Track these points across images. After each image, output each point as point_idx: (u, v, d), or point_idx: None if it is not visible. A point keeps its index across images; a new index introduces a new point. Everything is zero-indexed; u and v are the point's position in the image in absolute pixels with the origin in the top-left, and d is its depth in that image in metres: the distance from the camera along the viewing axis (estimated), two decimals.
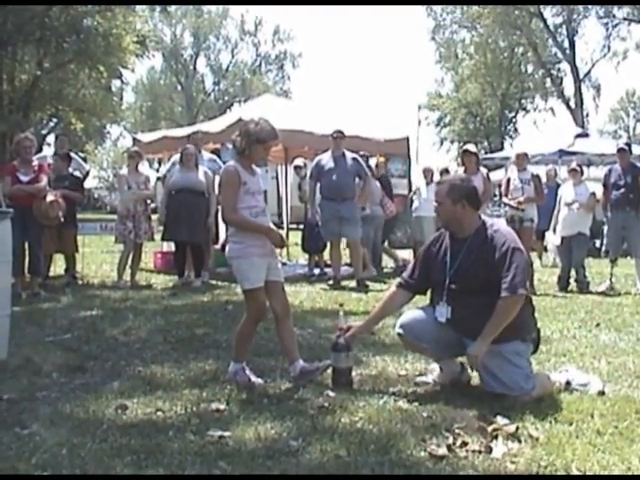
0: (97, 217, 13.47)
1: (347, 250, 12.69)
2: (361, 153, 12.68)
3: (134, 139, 16.73)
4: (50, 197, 10.41)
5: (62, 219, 10.71)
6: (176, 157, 12.46)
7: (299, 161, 13.75)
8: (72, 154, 13.75)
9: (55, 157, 12.26)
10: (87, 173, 13.20)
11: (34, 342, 6.97)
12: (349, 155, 11.86)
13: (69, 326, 7.84)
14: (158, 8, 40.01)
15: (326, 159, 11.83)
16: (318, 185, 11.80)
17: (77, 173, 12.65)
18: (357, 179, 11.89)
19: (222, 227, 12.94)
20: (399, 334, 5.43)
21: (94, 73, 36.54)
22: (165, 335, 7.31)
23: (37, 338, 7.18)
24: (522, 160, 11.81)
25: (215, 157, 12.76)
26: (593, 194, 12.22)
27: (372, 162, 13.89)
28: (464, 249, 5.19)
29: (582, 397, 5.08)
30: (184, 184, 11.44)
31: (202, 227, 11.52)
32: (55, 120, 44.25)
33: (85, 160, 33.49)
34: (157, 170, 21.64)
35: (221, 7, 70.57)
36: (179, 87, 71.80)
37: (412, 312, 5.54)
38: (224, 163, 13.36)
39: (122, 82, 47.14)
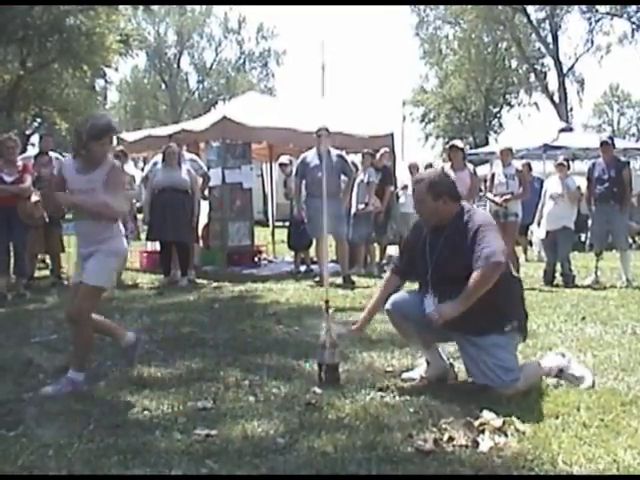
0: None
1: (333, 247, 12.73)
2: (366, 150, 12.81)
3: (118, 138, 16.66)
4: (34, 197, 10.38)
5: (47, 219, 10.69)
6: (158, 157, 12.45)
7: (284, 158, 13.75)
8: (58, 155, 13.72)
9: (38, 157, 12.22)
10: None
11: (20, 343, 6.96)
12: (334, 152, 11.86)
13: (55, 327, 7.80)
14: (141, 7, 39.77)
15: (311, 156, 11.84)
16: (304, 182, 11.79)
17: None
18: (342, 176, 11.93)
19: (202, 225, 12.98)
20: (387, 310, 5.39)
21: (78, 72, 36.42)
22: (151, 334, 7.29)
23: (23, 339, 7.16)
24: (506, 155, 11.85)
25: (195, 157, 12.75)
26: (578, 188, 12.26)
27: (356, 159, 13.89)
28: (442, 239, 5.16)
29: (568, 390, 5.10)
30: (168, 183, 11.43)
31: (187, 226, 11.52)
32: (39, 120, 44.08)
33: None
34: (142, 169, 21.58)
35: (204, 5, 70.45)
36: (163, 86, 71.54)
37: (402, 292, 5.51)
38: (209, 161, 13.50)
39: (106, 81, 47.12)
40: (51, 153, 12.41)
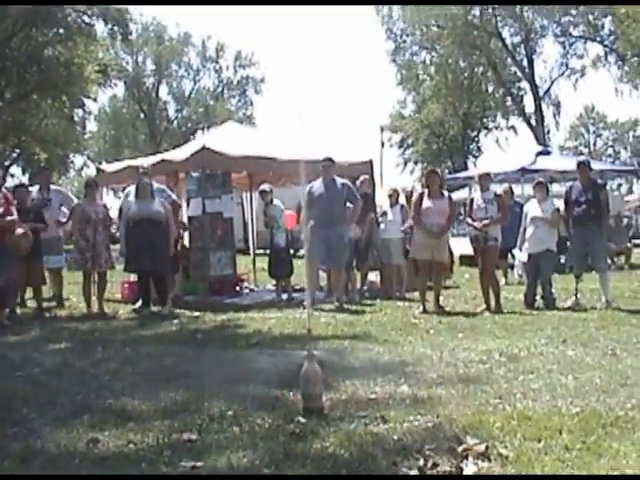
0: (65, 248, 13.39)
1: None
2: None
3: (98, 169, 16.69)
4: (20, 230, 10.40)
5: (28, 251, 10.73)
6: (129, 189, 12.56)
7: (265, 186, 13.78)
8: (60, 188, 13.88)
9: (38, 191, 12.51)
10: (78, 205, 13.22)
11: (3, 377, 6.94)
12: (339, 181, 12.33)
13: (38, 360, 7.79)
14: (119, 37, 39.79)
15: (317, 186, 12.23)
16: (308, 210, 12.05)
17: (64, 207, 12.84)
18: (348, 204, 12.35)
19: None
20: None
21: (56, 103, 36.47)
22: (134, 366, 7.29)
23: (6, 373, 7.14)
24: (485, 180, 11.93)
25: (164, 187, 12.76)
26: (557, 210, 12.34)
27: None
28: None
29: (550, 413, 5.14)
30: (143, 215, 11.51)
31: (163, 256, 11.56)
32: (18, 151, 43.99)
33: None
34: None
35: (182, 34, 70.62)
36: (142, 115, 71.46)
37: None
38: (189, 191, 13.55)
39: (84, 111, 47.01)
40: (52, 187, 12.52)
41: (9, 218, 10.34)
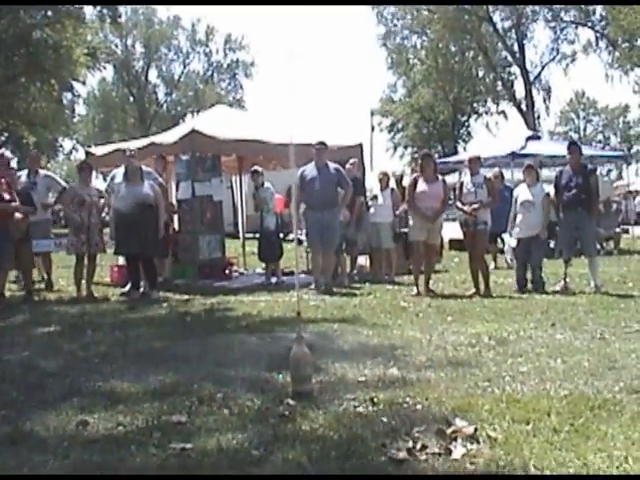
0: (54, 232, 13.41)
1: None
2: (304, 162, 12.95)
3: (87, 152, 16.62)
4: (18, 214, 10.58)
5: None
6: (115, 172, 12.56)
7: (257, 167, 13.73)
8: (48, 172, 13.86)
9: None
10: (64, 189, 13.19)
11: None
12: (332, 165, 12.44)
13: (27, 343, 7.79)
14: (108, 20, 39.58)
15: (309, 169, 12.33)
16: (300, 193, 12.19)
17: (51, 192, 12.88)
18: (339, 188, 12.40)
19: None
20: None
21: (45, 86, 36.27)
22: (124, 349, 7.29)
23: None
24: (475, 164, 11.93)
25: (151, 170, 12.72)
26: (548, 194, 12.35)
27: None
28: None
29: (539, 396, 5.16)
30: (131, 199, 11.48)
31: (153, 239, 11.54)
32: (6, 134, 43.79)
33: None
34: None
35: (172, 17, 70.42)
36: (131, 99, 71.29)
37: None
38: (178, 174, 13.53)
39: (74, 95, 46.80)
40: (41, 171, 12.50)
41: (14, 204, 10.51)
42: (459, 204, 11.83)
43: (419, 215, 11.56)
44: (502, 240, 15.64)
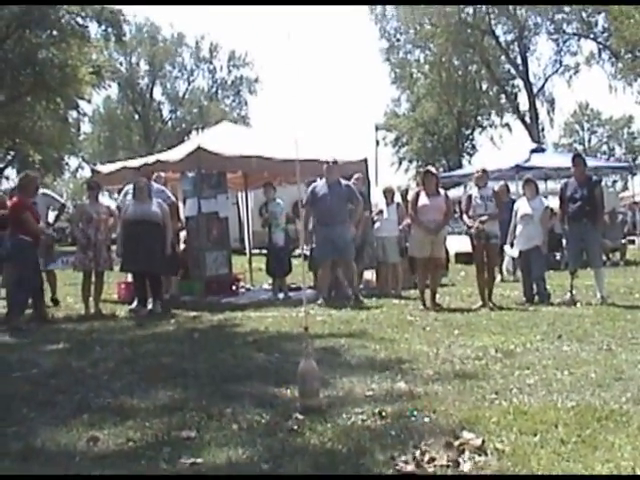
0: (61, 250, 13.48)
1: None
2: (307, 180, 13.05)
3: (93, 170, 16.71)
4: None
5: None
6: (128, 188, 12.65)
7: (270, 181, 13.79)
8: (46, 190, 13.96)
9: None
10: (63, 206, 13.28)
11: (2, 378, 6.96)
12: (343, 182, 12.62)
13: (36, 361, 7.82)
14: (113, 38, 39.77)
15: (320, 186, 12.50)
16: (310, 209, 12.44)
17: (51, 210, 13.00)
18: (350, 204, 12.59)
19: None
20: None
21: (51, 105, 36.42)
22: (133, 365, 7.32)
23: (4, 374, 7.16)
24: (482, 177, 11.95)
25: (163, 188, 12.82)
26: (547, 207, 12.40)
27: None
28: None
29: (546, 407, 5.19)
30: (139, 216, 11.59)
31: (160, 257, 11.63)
32: (12, 153, 43.94)
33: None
34: (116, 200, 21.59)
35: (176, 34, 70.68)
36: (136, 116, 71.48)
37: None
38: (184, 191, 13.58)
39: (79, 113, 46.88)
40: (39, 190, 12.62)
41: (41, 224, 11.24)
42: (466, 218, 11.85)
43: (422, 228, 11.59)
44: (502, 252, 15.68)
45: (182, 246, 13.85)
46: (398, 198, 14.48)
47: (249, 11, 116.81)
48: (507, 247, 12.63)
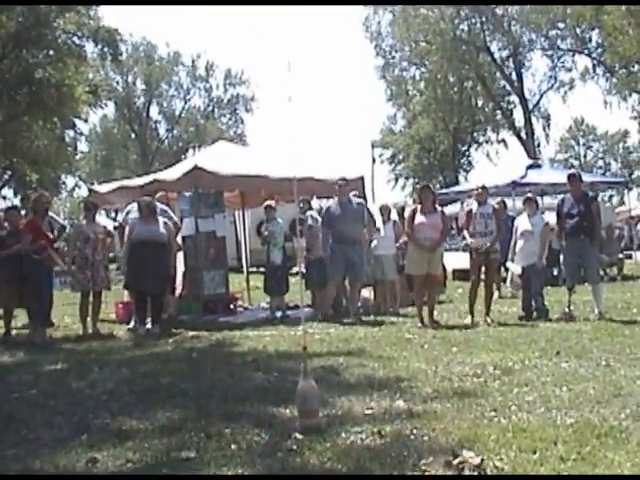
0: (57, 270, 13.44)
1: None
2: (302, 197, 13.11)
3: (90, 190, 16.74)
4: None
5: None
6: (132, 206, 12.66)
7: (270, 202, 13.78)
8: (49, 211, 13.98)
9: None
10: (63, 228, 13.33)
11: (0, 399, 6.95)
12: (355, 200, 12.88)
13: (34, 381, 7.81)
14: (109, 57, 39.90)
15: (334, 206, 12.72)
16: (326, 229, 12.68)
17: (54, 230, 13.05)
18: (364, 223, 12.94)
19: (179, 276, 13.08)
20: None
21: (47, 124, 36.50)
22: (131, 386, 7.32)
23: (3, 395, 7.16)
24: (483, 194, 11.96)
25: (166, 207, 12.84)
26: (547, 224, 12.44)
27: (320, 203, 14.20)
28: None
29: (544, 424, 5.19)
30: (147, 236, 11.58)
31: (165, 278, 11.67)
32: (9, 172, 43.95)
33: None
34: (114, 219, 21.64)
35: (172, 53, 70.85)
36: (133, 135, 71.56)
37: None
38: (182, 210, 13.59)
39: (75, 132, 46.96)
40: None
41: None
42: (466, 233, 11.87)
43: (418, 246, 11.60)
44: (506, 269, 15.68)
45: (181, 266, 13.83)
46: (395, 216, 14.50)
47: (245, 29, 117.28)
48: (510, 264, 12.65)
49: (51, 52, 35.55)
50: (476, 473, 4.24)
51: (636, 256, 24.53)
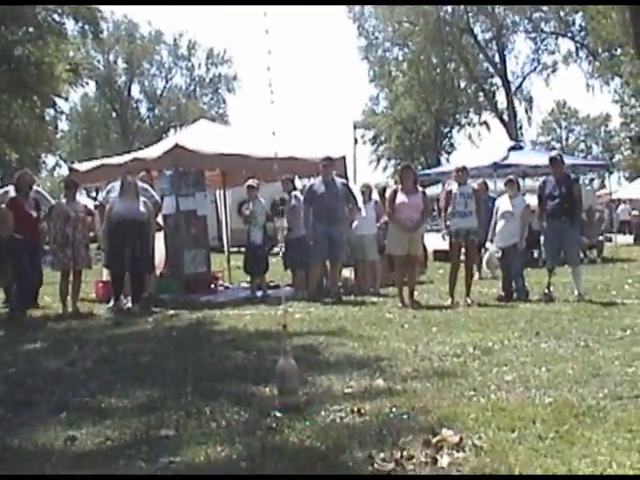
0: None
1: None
2: (286, 176, 13.08)
3: (71, 169, 16.63)
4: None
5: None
6: (113, 184, 12.58)
7: (252, 182, 13.70)
8: (38, 188, 13.85)
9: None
10: (53, 207, 13.22)
11: None
12: (338, 180, 12.85)
13: (13, 360, 7.78)
14: (90, 35, 39.57)
15: (317, 184, 12.68)
16: (311, 208, 12.57)
17: (44, 208, 12.88)
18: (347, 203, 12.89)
19: (158, 254, 13.02)
20: None
21: (27, 102, 36.10)
22: (111, 364, 7.30)
23: None
24: (462, 174, 11.96)
25: (147, 186, 12.76)
26: (528, 205, 12.46)
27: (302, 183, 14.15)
28: None
29: (523, 404, 5.21)
30: (127, 215, 11.54)
31: (145, 256, 11.60)
32: None
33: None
34: (94, 199, 21.52)
35: (154, 32, 70.50)
36: (114, 114, 71.22)
37: None
38: (162, 189, 13.53)
39: (56, 111, 46.58)
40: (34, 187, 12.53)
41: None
42: (445, 214, 11.87)
43: (399, 226, 11.61)
44: (485, 250, 15.70)
45: (160, 245, 13.76)
46: (376, 196, 14.50)
47: (228, 9, 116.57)
48: (489, 245, 12.67)
49: (31, 29, 35.12)
50: (455, 452, 4.25)
51: (616, 239, 24.66)
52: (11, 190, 12.86)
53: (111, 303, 11.92)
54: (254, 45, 72.67)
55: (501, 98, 54.32)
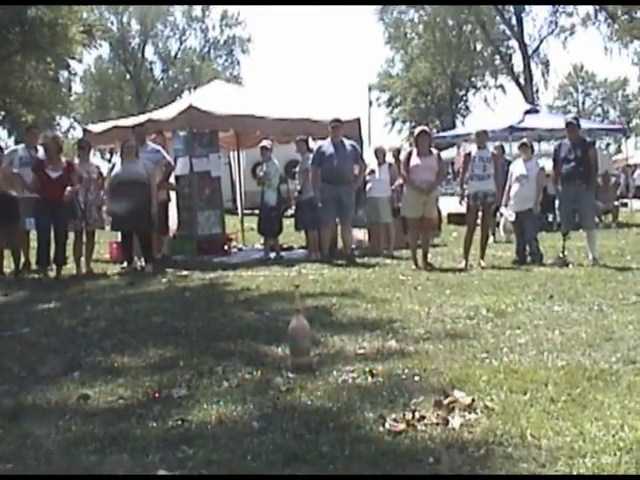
0: None
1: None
2: (300, 137, 13.03)
3: (85, 130, 16.59)
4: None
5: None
6: None
7: (266, 142, 13.64)
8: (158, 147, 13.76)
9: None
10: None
11: None
12: (347, 142, 12.69)
13: (27, 320, 7.81)
14: None
15: (326, 145, 12.57)
16: (319, 170, 12.47)
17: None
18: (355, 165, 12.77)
19: (172, 216, 13.03)
20: None
21: (41, 64, 36.10)
22: (124, 324, 7.33)
23: None
24: (482, 138, 11.89)
25: (159, 147, 12.71)
26: (542, 169, 12.38)
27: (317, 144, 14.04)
28: None
29: (536, 366, 5.20)
30: (126, 176, 11.56)
31: (146, 216, 11.60)
32: (3, 113, 43.61)
33: None
34: (109, 161, 21.49)
35: None
36: (128, 76, 71.01)
37: None
38: (176, 150, 13.49)
39: (70, 72, 46.57)
40: (40, 147, 12.43)
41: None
42: (465, 177, 11.81)
43: (414, 188, 11.55)
44: (501, 214, 15.67)
45: (173, 206, 13.76)
46: (390, 158, 14.43)
47: None
48: (503, 209, 12.62)
49: None
50: (467, 413, 4.25)
51: (631, 204, 24.52)
52: (20, 149, 12.73)
53: (124, 264, 11.95)
54: (268, 7, 72.30)
55: (517, 61, 53.84)
